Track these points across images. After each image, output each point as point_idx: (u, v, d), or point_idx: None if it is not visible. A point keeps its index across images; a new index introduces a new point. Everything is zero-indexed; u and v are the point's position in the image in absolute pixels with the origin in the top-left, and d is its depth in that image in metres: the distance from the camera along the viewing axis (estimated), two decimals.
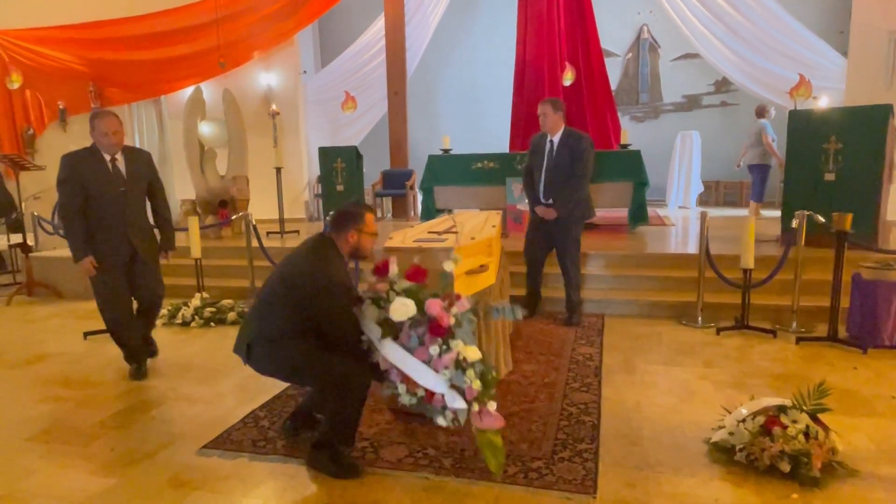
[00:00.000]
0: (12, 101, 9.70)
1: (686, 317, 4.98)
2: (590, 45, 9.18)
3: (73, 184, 3.62)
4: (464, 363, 2.47)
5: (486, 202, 7.65)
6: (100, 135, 3.65)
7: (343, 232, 2.78)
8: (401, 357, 2.53)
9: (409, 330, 2.57)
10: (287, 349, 2.63)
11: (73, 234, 3.68)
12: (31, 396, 3.76)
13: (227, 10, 9.25)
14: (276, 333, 2.64)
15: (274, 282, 2.75)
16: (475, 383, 2.46)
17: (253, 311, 2.80)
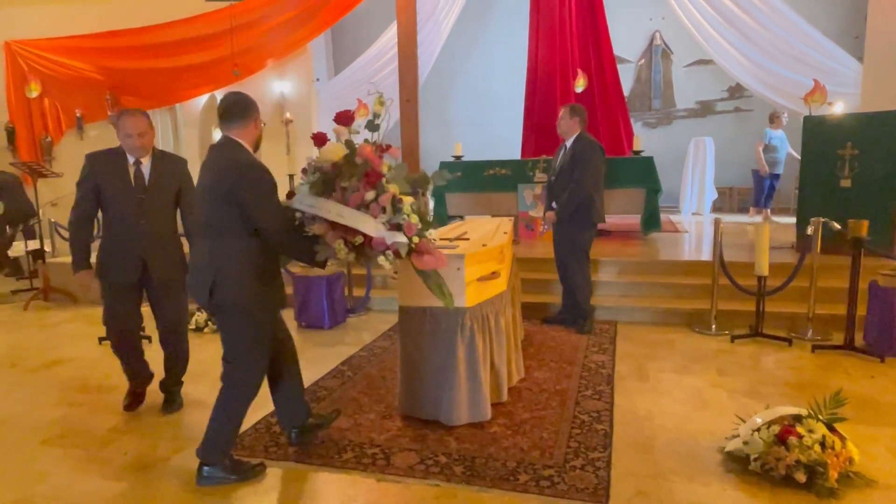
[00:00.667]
0: (31, 110, 9.83)
1: (699, 324, 4.94)
2: (602, 52, 9.17)
3: (87, 185, 3.31)
4: (399, 203, 2.54)
5: (498, 209, 7.65)
6: (124, 135, 3.33)
7: (248, 122, 2.69)
8: (337, 209, 2.49)
9: (341, 191, 2.54)
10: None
11: (74, 240, 3.36)
12: (47, 400, 3.80)
13: (242, 19, 9.34)
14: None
15: (202, 202, 2.64)
16: (413, 218, 2.54)
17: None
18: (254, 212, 2.52)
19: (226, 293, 2.58)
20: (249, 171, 2.54)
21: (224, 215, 2.53)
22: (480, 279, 3.25)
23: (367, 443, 3.02)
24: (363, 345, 4.76)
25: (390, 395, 3.63)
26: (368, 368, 4.19)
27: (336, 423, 3.25)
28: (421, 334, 3.20)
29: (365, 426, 3.22)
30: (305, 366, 4.32)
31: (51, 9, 9.58)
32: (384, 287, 6.24)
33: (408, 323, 3.25)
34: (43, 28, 9.57)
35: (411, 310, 3.22)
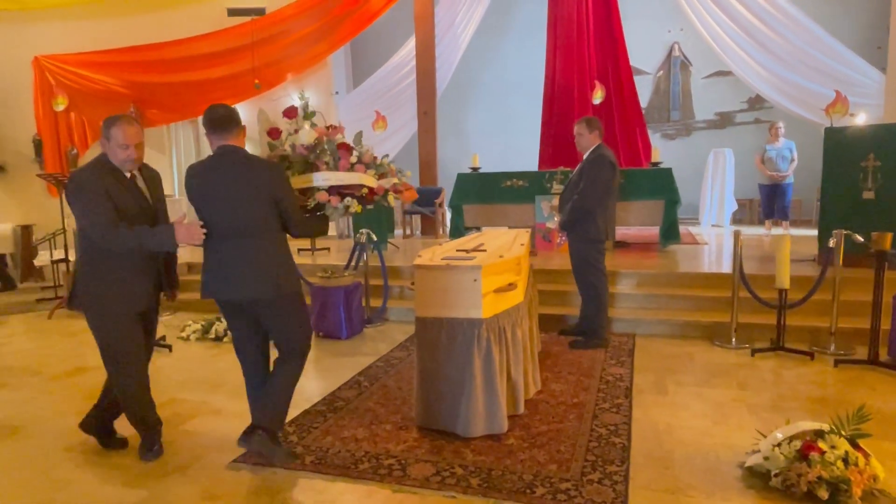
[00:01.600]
0: (58, 123, 10.10)
1: (719, 337, 4.88)
2: (619, 64, 9.19)
3: (106, 202, 2.78)
4: (376, 159, 3.37)
5: (515, 220, 7.66)
6: (119, 146, 2.83)
7: (241, 130, 2.91)
8: (334, 176, 3.19)
9: (324, 165, 3.26)
10: None
11: (132, 235, 2.75)
12: (70, 408, 3.86)
13: (263, 33, 9.53)
14: None
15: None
16: (391, 166, 3.43)
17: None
18: (288, 206, 2.87)
19: (291, 282, 2.93)
20: (280, 171, 2.90)
21: (268, 214, 2.82)
22: (497, 290, 3.25)
23: (384, 453, 3.02)
24: (380, 355, 4.78)
25: (406, 405, 3.63)
26: (385, 379, 4.20)
27: (352, 432, 3.27)
28: (437, 345, 3.21)
29: (381, 437, 3.23)
30: (322, 375, 4.37)
31: (78, 24, 9.85)
32: (401, 298, 6.27)
33: (424, 334, 3.26)
34: (70, 43, 9.83)
35: (428, 321, 3.23)
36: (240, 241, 2.80)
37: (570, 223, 4.71)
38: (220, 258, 2.83)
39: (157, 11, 9.88)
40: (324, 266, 6.05)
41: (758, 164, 8.38)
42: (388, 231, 8.25)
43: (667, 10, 10.60)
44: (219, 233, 2.80)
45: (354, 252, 6.07)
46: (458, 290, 3.12)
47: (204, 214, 2.82)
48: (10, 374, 4.63)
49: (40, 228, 9.07)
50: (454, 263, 3.17)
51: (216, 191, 2.78)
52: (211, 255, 2.87)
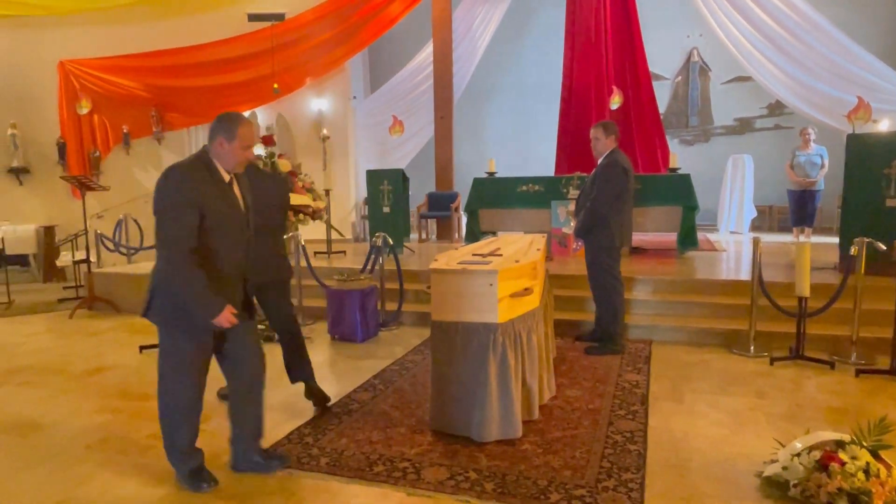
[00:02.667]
0: (81, 126, 10.28)
1: (737, 345, 4.83)
2: (638, 69, 9.15)
3: (192, 210, 2.53)
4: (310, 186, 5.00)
5: (531, 225, 7.65)
6: (244, 147, 2.66)
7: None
8: (297, 198, 4.40)
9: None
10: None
11: (194, 279, 2.53)
12: (91, 406, 3.93)
13: (282, 38, 9.63)
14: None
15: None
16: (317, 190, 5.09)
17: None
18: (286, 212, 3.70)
19: (290, 272, 3.80)
20: (286, 182, 3.50)
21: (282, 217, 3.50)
22: (513, 295, 3.25)
23: (398, 456, 3.03)
24: (395, 359, 4.80)
25: (421, 409, 3.64)
26: (400, 382, 4.21)
27: (367, 435, 3.28)
28: (452, 349, 3.22)
29: (396, 440, 3.24)
30: (337, 378, 4.39)
31: (102, 29, 10.03)
32: (416, 301, 6.28)
33: (440, 338, 3.27)
34: (94, 48, 10.02)
35: (444, 325, 3.24)
36: (261, 238, 3.15)
37: (585, 229, 4.70)
38: None
39: (179, 17, 10.03)
40: (340, 269, 6.08)
41: (787, 169, 8.29)
42: (403, 235, 8.28)
43: (686, 16, 10.55)
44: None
45: (370, 255, 6.10)
46: (474, 295, 3.13)
47: None
48: (33, 372, 4.72)
49: (63, 230, 9.25)
50: (470, 268, 3.17)
51: (261, 197, 3.23)
52: None
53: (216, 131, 2.65)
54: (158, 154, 10.42)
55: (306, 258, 6.03)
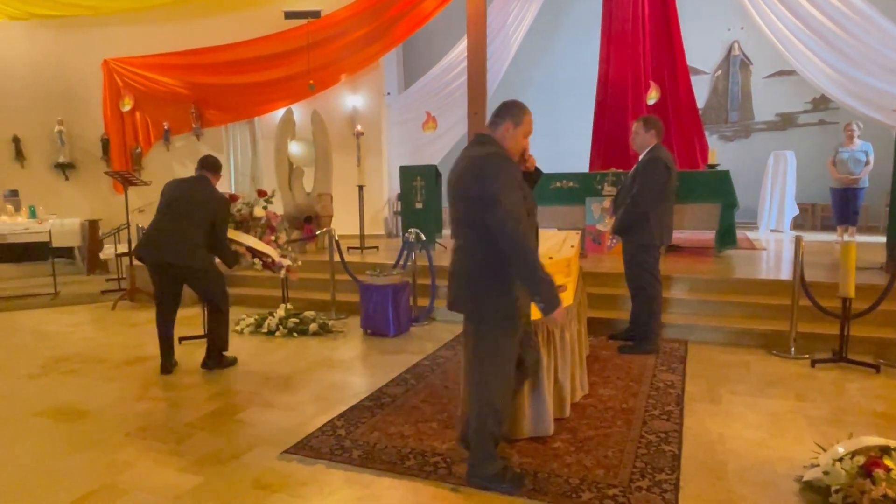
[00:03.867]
0: (124, 122, 10.57)
1: (777, 347, 4.70)
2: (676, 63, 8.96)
3: (519, 190, 2.50)
4: (284, 245, 5.01)
5: (565, 222, 7.57)
6: (524, 134, 2.68)
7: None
8: (254, 241, 4.73)
9: (256, 231, 4.84)
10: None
11: (538, 262, 2.45)
12: (131, 395, 4.04)
13: (318, 35, 9.72)
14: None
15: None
16: (293, 254, 5.08)
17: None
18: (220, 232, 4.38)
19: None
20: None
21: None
22: None
23: (430, 451, 3.04)
24: (426, 354, 4.81)
25: (452, 404, 3.65)
26: (431, 377, 4.22)
27: (399, 429, 3.30)
28: None
29: (427, 434, 3.25)
30: (370, 371, 4.43)
31: (144, 28, 10.28)
32: None
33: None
34: (137, 46, 10.27)
35: None
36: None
37: (624, 227, 4.62)
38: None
39: (217, 15, 10.22)
40: (372, 264, 6.13)
41: (829, 166, 8.03)
42: (435, 231, 8.29)
43: (727, 8, 10.28)
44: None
45: (403, 251, 6.12)
46: None
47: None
48: (78, 360, 4.88)
49: (106, 223, 9.54)
50: None
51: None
52: None
53: (504, 117, 2.63)
54: (197, 150, 10.64)
55: (340, 253, 6.09)
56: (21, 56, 10.21)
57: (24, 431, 3.47)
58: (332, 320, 5.80)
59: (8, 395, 4.10)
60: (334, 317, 5.99)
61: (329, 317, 5.88)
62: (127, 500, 2.66)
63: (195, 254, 4.21)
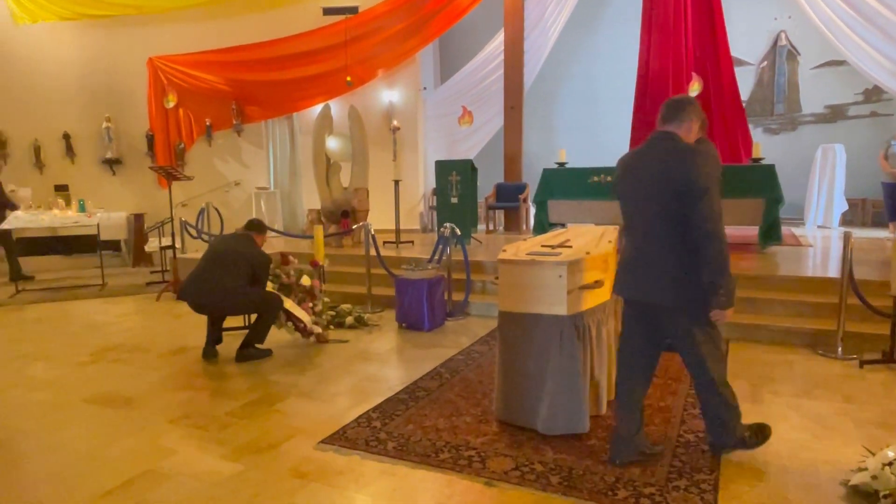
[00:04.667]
0: (168, 119, 10.86)
1: (823, 346, 4.55)
2: (719, 54, 8.72)
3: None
4: (318, 311, 5.12)
5: (602, 217, 7.47)
6: (701, 130, 2.82)
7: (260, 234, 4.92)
8: (292, 304, 4.86)
9: (297, 296, 5.05)
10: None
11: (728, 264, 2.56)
12: (174, 384, 4.17)
13: (355, 31, 9.80)
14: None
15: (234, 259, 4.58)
16: (324, 323, 5.19)
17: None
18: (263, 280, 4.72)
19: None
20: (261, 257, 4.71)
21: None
22: (582, 287, 3.19)
23: (464, 445, 3.05)
24: (461, 348, 4.82)
25: (487, 399, 3.65)
26: (466, 372, 4.23)
27: (433, 422, 3.32)
28: (520, 341, 3.20)
29: (461, 428, 3.25)
30: (405, 365, 4.46)
31: (187, 26, 10.52)
32: (483, 292, 6.28)
33: (507, 329, 3.26)
34: (180, 44, 10.53)
35: (511, 315, 3.22)
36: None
37: None
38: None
39: (258, 13, 10.39)
40: (408, 259, 6.16)
41: (881, 160, 7.72)
42: (471, 226, 8.28)
43: None
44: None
45: (438, 246, 6.14)
46: (542, 286, 3.09)
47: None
48: (124, 350, 5.05)
49: (150, 217, 9.82)
50: (539, 259, 3.14)
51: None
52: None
53: (690, 114, 2.70)
54: (238, 145, 10.88)
55: (375, 247, 6.14)
56: (71, 56, 10.57)
57: (74, 416, 3.61)
58: (368, 314, 5.85)
59: (61, 381, 4.27)
60: (370, 310, 6.04)
61: (365, 310, 5.94)
62: (170, 484, 2.75)
63: (226, 298, 4.53)
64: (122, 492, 2.69)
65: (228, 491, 2.68)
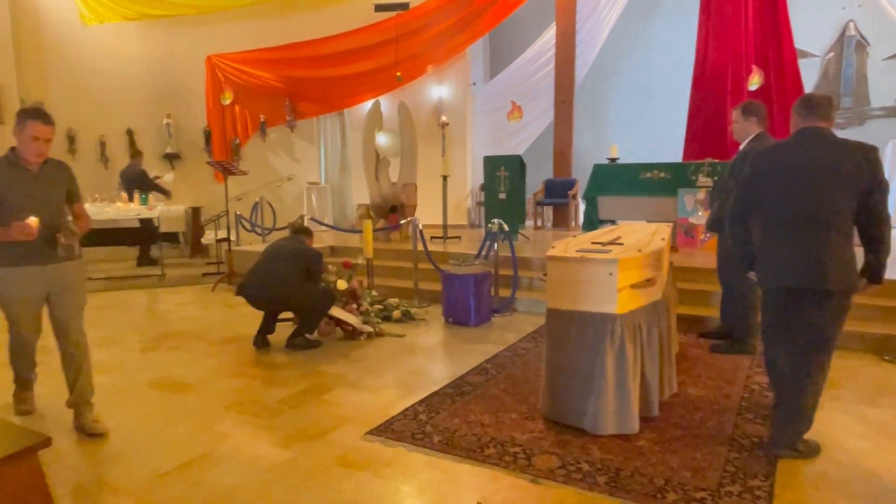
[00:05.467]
0: (224, 115, 11.19)
1: (890, 352, 4.33)
2: (782, 46, 8.35)
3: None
4: (364, 310, 5.30)
5: (655, 214, 7.29)
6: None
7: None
8: (337, 311, 5.01)
9: (340, 301, 5.13)
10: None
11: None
12: (229, 371, 4.30)
13: (406, 27, 9.85)
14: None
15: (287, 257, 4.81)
16: (373, 318, 5.31)
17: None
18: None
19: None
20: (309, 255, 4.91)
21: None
22: (634, 286, 3.13)
23: (509, 441, 3.04)
24: (507, 344, 4.80)
25: (533, 396, 3.63)
26: (512, 368, 4.21)
27: (479, 417, 3.33)
28: (568, 338, 3.16)
29: (507, 424, 3.25)
30: (450, 360, 4.48)
31: (243, 25, 10.81)
32: (530, 289, 6.24)
33: (555, 326, 3.23)
34: (236, 42, 10.82)
35: (559, 313, 3.19)
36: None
37: (720, 221, 4.38)
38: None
39: (311, 10, 10.57)
40: (455, 254, 6.17)
41: None
42: (519, 221, 8.23)
43: None
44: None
45: (485, 242, 6.13)
46: (592, 284, 3.05)
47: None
48: (181, 338, 5.25)
49: (207, 210, 10.15)
50: (589, 256, 3.09)
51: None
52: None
53: (832, 112, 2.84)
54: (290, 141, 11.12)
55: (423, 242, 6.18)
56: (134, 55, 11.02)
57: (135, 400, 3.78)
58: (415, 308, 5.90)
59: (124, 366, 4.47)
60: (417, 304, 6.09)
61: (412, 304, 5.99)
62: (224, 467, 2.85)
63: (282, 288, 4.67)
64: (180, 473, 2.80)
65: (279, 476, 2.75)
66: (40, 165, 3.15)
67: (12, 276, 3.13)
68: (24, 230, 2.92)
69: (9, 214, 3.01)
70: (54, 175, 3.24)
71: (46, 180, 3.18)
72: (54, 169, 3.25)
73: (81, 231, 3.31)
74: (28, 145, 3.05)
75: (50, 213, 3.14)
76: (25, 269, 3.13)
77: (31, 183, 3.12)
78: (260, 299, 4.77)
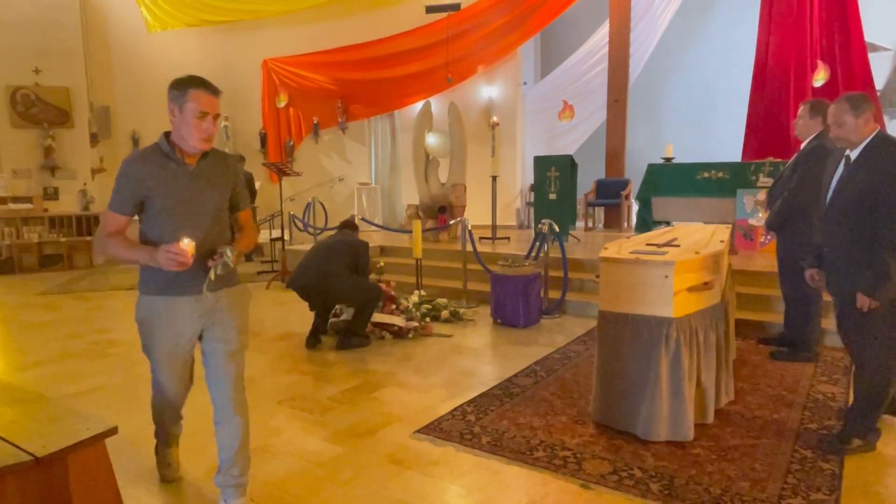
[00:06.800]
0: (279, 118, 11.48)
1: None
2: (850, 39, 7.96)
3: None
4: (404, 308, 5.37)
5: (712, 215, 7.08)
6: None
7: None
8: (378, 315, 5.06)
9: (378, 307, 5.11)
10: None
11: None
12: (281, 367, 4.40)
13: (457, 28, 9.87)
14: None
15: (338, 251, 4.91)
16: (414, 314, 5.33)
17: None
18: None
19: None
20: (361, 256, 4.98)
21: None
22: (690, 289, 3.04)
23: (559, 444, 3.00)
24: (557, 347, 4.74)
25: (583, 400, 3.57)
26: (562, 371, 4.16)
27: (528, 420, 3.29)
28: (621, 342, 3.10)
29: (557, 428, 3.20)
30: (499, 361, 4.45)
31: (297, 29, 11.06)
32: (580, 291, 6.14)
33: (607, 329, 3.16)
34: (291, 46, 11.08)
35: (612, 315, 3.13)
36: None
37: (779, 222, 4.21)
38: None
39: (363, 13, 10.72)
40: (504, 255, 6.13)
41: None
42: (569, 222, 8.12)
43: None
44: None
45: (535, 242, 6.07)
46: (647, 286, 2.98)
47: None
48: None
49: (262, 210, 10.43)
50: (644, 258, 3.02)
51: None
52: None
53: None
54: (342, 142, 11.30)
55: (472, 243, 6.17)
56: (194, 59, 11.40)
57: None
58: (464, 308, 5.89)
59: None
60: (465, 305, 6.08)
61: (460, 305, 5.99)
62: (279, 461, 2.91)
63: (329, 280, 4.73)
64: None
65: (329, 472, 2.80)
66: (198, 159, 2.30)
67: (159, 309, 2.30)
68: (177, 258, 2.09)
69: (158, 226, 2.24)
70: (216, 172, 2.34)
71: (207, 179, 2.30)
72: (216, 163, 2.35)
73: (242, 251, 2.41)
74: (191, 126, 2.20)
75: (208, 225, 2.30)
76: (176, 301, 2.29)
77: (186, 183, 2.25)
78: (309, 290, 4.84)
